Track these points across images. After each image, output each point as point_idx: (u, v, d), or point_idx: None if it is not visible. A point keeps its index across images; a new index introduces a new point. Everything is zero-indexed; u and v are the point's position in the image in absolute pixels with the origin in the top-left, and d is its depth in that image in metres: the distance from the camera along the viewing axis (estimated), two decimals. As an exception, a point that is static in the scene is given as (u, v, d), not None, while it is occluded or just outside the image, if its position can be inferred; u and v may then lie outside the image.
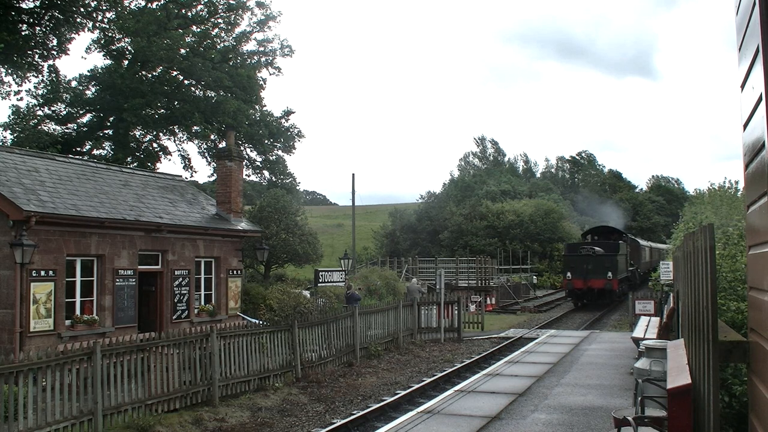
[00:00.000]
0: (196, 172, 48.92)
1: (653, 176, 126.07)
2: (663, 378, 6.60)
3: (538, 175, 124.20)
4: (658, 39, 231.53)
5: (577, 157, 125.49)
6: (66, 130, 39.44)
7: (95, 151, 39.77)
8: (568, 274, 42.19)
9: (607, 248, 42.87)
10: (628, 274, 45.69)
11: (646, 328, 13.60)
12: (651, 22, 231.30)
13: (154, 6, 39.64)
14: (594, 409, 9.20)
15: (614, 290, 41.00)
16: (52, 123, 38.80)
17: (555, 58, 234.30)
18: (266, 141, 43.63)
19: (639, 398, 6.69)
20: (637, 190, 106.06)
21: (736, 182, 47.49)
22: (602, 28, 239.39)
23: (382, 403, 15.79)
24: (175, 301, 21.29)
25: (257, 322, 20.45)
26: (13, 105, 38.80)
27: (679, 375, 5.66)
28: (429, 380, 18.52)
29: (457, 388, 10.92)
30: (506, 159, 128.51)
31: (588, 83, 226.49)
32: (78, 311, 18.22)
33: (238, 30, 42.79)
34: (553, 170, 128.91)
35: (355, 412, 15.26)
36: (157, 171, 31.29)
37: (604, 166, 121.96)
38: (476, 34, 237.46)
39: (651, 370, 7.23)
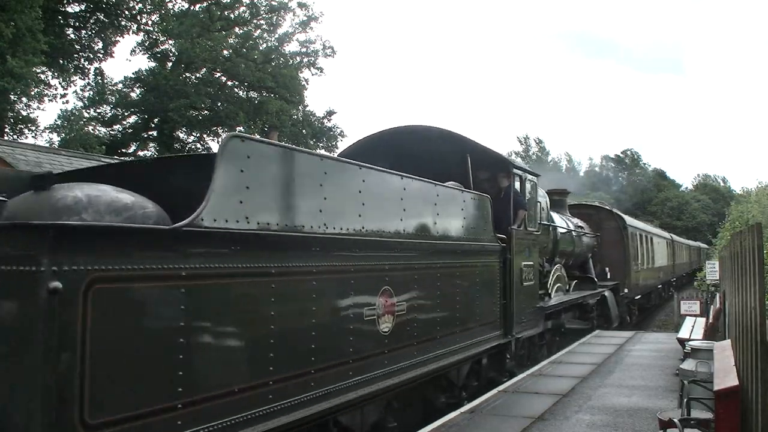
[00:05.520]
0: (239, 172, 48.95)
1: (698, 174, 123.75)
2: (709, 379, 6.50)
3: (582, 174, 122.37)
4: (690, 36, 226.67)
5: (622, 155, 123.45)
6: (111, 132, 40.08)
7: (140, 153, 40.41)
8: None
9: None
10: None
11: (692, 328, 13.41)
12: (682, 20, 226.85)
13: (197, 8, 40.14)
14: (638, 411, 9.10)
15: None
16: (98, 125, 39.46)
17: (583, 55, 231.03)
18: (309, 141, 43.90)
19: (685, 400, 6.60)
20: (681, 189, 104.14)
21: (783, 180, 46.48)
22: (632, 24, 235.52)
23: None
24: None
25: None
26: (63, 108, 39.56)
27: (726, 376, 5.58)
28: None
29: (500, 388, 10.90)
30: (549, 158, 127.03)
31: (622, 81, 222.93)
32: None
33: (280, 31, 43.15)
34: (597, 169, 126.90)
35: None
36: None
37: (648, 165, 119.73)
38: (514, 33, 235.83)
39: (697, 371, 7.12)
